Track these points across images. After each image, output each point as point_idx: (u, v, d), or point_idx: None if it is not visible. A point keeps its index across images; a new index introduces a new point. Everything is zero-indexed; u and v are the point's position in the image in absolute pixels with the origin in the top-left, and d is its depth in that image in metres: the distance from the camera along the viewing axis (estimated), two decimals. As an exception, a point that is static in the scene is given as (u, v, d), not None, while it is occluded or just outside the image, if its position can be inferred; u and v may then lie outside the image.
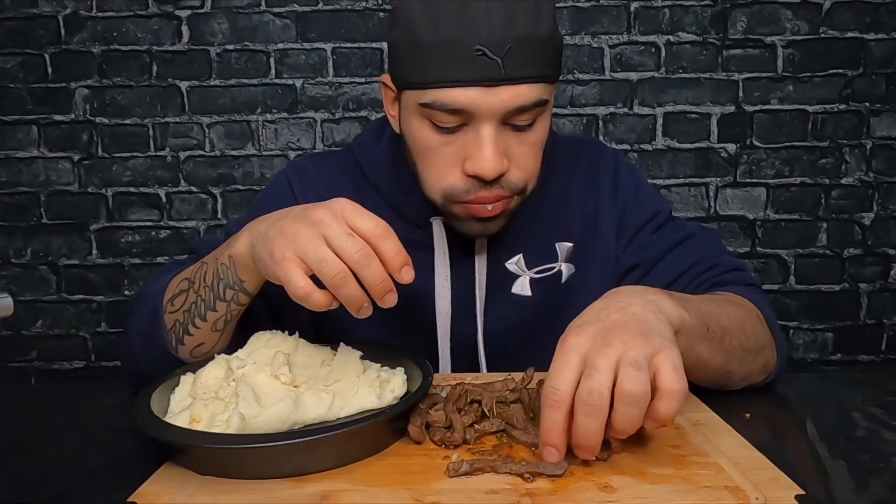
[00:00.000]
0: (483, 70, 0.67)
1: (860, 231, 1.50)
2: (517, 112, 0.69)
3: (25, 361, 1.52)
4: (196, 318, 0.70)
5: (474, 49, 0.66)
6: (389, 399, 0.64)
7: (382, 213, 0.84)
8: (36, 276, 1.50)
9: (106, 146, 1.47)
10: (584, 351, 0.53)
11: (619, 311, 0.57)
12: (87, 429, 0.68)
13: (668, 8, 1.44)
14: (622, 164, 0.90)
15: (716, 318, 0.68)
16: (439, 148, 0.72)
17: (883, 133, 1.47)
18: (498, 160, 0.70)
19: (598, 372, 0.51)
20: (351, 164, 0.89)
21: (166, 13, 1.44)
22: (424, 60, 0.69)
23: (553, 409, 0.53)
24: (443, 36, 0.67)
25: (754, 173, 1.49)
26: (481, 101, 0.68)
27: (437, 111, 0.69)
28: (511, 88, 0.68)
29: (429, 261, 0.83)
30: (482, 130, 0.69)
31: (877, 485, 0.54)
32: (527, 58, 0.68)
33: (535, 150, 0.74)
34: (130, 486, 0.53)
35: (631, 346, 0.52)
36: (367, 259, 0.59)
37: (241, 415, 0.57)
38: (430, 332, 0.84)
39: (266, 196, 0.91)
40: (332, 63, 1.45)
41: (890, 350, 1.53)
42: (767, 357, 0.76)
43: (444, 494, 0.51)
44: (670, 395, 0.51)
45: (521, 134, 0.72)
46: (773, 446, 0.60)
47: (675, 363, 0.52)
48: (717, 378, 0.73)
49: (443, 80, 0.68)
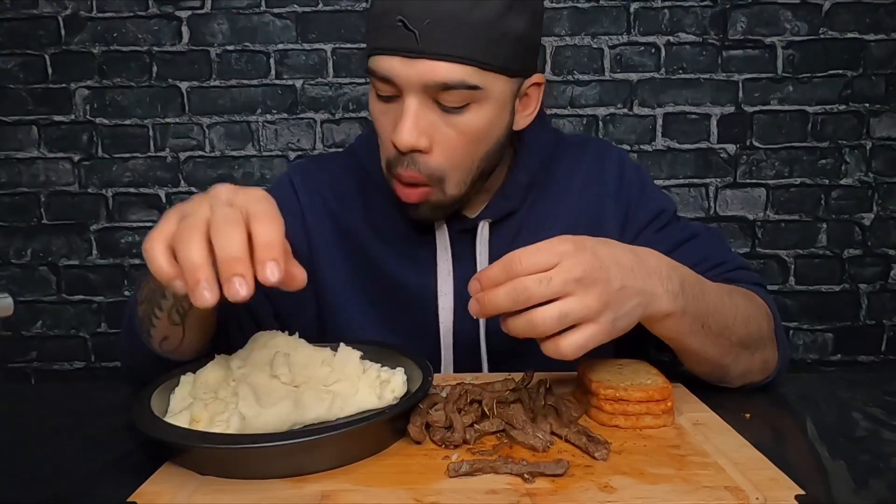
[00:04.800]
0: (401, 40, 0.69)
1: (860, 231, 1.50)
2: (440, 88, 0.70)
3: (25, 362, 1.52)
4: (155, 308, 0.67)
5: (396, 19, 0.68)
6: (389, 399, 0.64)
7: (387, 211, 0.86)
8: (36, 277, 1.51)
9: (106, 147, 1.47)
10: (563, 263, 0.57)
11: (622, 270, 0.59)
12: (87, 429, 0.68)
13: (668, 9, 1.44)
14: (627, 163, 0.90)
15: (720, 315, 0.68)
16: (379, 116, 0.75)
17: (883, 134, 1.47)
18: (414, 133, 0.71)
19: (547, 285, 0.55)
20: (354, 164, 0.89)
21: (166, 14, 1.44)
22: (369, 30, 0.73)
23: (501, 269, 0.57)
24: (377, 6, 0.71)
25: (754, 174, 1.49)
26: (400, 71, 0.70)
27: (374, 78, 0.72)
28: (429, 62, 0.69)
29: (431, 258, 0.84)
30: (406, 101, 0.71)
31: (877, 485, 0.54)
32: (450, 36, 0.68)
33: (466, 138, 0.74)
34: (130, 486, 0.53)
35: (582, 300, 0.56)
36: (228, 226, 0.47)
37: (241, 415, 0.57)
38: (432, 329, 0.85)
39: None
40: (332, 64, 1.45)
41: (890, 350, 1.53)
42: (768, 355, 0.76)
43: (444, 494, 0.51)
44: (557, 348, 0.57)
45: (449, 116, 0.72)
46: (773, 446, 0.60)
47: (588, 343, 0.57)
48: (713, 371, 0.74)
49: (374, 47, 0.72)
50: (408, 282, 0.85)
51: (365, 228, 0.87)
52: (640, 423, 0.64)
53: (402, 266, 0.85)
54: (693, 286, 0.66)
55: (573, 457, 0.58)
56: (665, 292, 0.62)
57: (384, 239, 0.86)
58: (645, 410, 0.64)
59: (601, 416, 0.66)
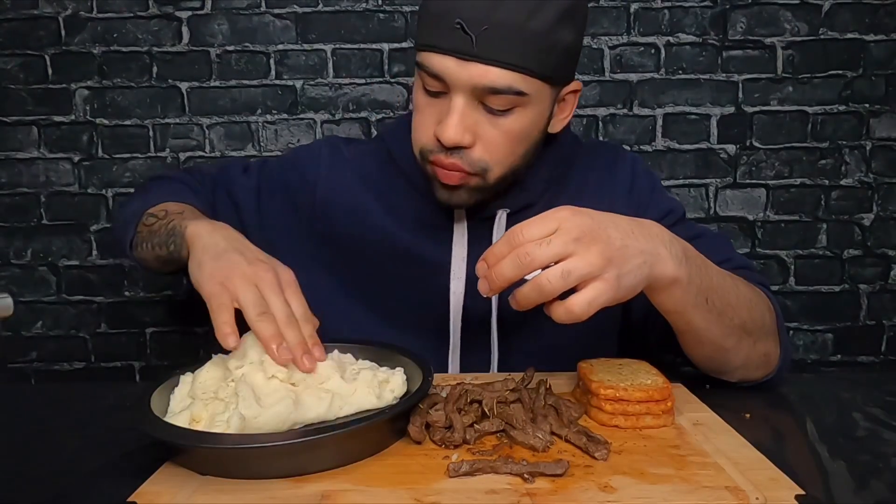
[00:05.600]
0: (457, 42, 0.72)
1: (860, 232, 1.50)
2: (489, 92, 0.74)
3: (25, 362, 1.52)
4: (148, 244, 0.84)
5: (454, 21, 0.71)
6: (389, 399, 0.64)
7: (408, 196, 0.90)
8: (36, 277, 1.50)
9: (106, 147, 1.47)
10: (562, 226, 0.59)
11: (621, 232, 0.61)
12: (87, 429, 0.68)
13: (668, 9, 1.44)
14: (640, 167, 0.95)
15: (722, 292, 0.70)
16: (424, 108, 0.79)
17: (883, 134, 1.47)
18: (459, 131, 0.75)
19: (548, 248, 0.58)
20: (380, 150, 0.94)
21: (166, 14, 1.44)
22: (423, 26, 0.76)
23: (504, 242, 0.60)
24: (437, 6, 0.74)
25: (754, 174, 1.49)
26: (453, 71, 0.73)
27: (424, 73, 0.76)
28: (482, 67, 0.72)
29: (447, 242, 0.88)
30: (454, 100, 0.75)
31: (877, 485, 0.54)
32: (504, 43, 0.71)
33: (508, 138, 0.77)
34: (130, 486, 0.53)
35: (584, 257, 0.58)
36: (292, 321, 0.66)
37: (241, 415, 0.57)
38: (443, 310, 0.88)
39: (294, 157, 0.99)
40: (332, 64, 1.45)
41: (890, 351, 1.53)
42: (770, 348, 0.76)
43: (444, 494, 0.51)
44: (567, 309, 0.58)
45: (494, 117, 0.76)
46: (773, 446, 0.60)
47: (597, 299, 0.58)
48: (714, 355, 0.74)
49: (428, 44, 0.75)
50: (422, 263, 0.88)
51: (384, 208, 0.91)
52: (640, 423, 0.64)
53: (418, 247, 0.89)
54: (696, 258, 0.68)
55: (573, 457, 0.58)
56: (669, 255, 0.63)
57: (402, 221, 0.90)
58: (645, 410, 0.64)
59: (601, 416, 0.66)
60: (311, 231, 0.93)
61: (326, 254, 0.92)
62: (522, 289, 0.59)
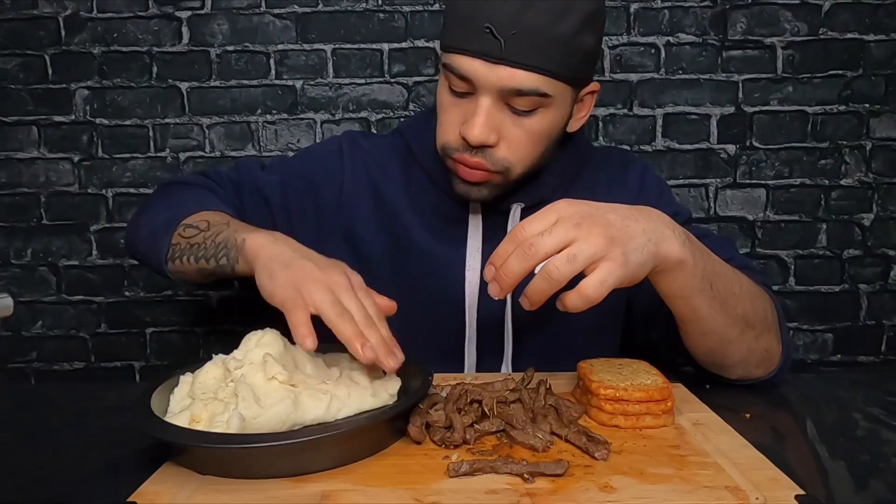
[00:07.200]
0: (486, 45, 0.74)
1: (860, 232, 1.50)
2: (514, 93, 0.76)
3: (25, 362, 1.52)
4: (191, 257, 0.81)
5: (483, 25, 0.73)
6: (385, 398, 0.65)
7: (426, 189, 0.93)
8: (36, 277, 1.50)
9: (106, 147, 1.47)
10: (561, 216, 0.60)
11: (620, 215, 0.62)
12: (87, 429, 0.68)
13: (668, 9, 1.44)
14: (649, 172, 0.99)
15: (725, 280, 0.71)
16: (449, 107, 0.81)
17: (883, 134, 1.47)
18: (485, 131, 0.77)
19: (550, 237, 0.59)
20: (399, 144, 0.97)
21: (166, 14, 1.44)
22: (450, 28, 0.78)
23: (508, 241, 0.61)
24: (465, 9, 0.76)
25: (754, 174, 1.49)
26: (481, 73, 0.75)
27: (451, 74, 0.78)
28: (509, 69, 0.74)
29: (463, 235, 0.90)
30: (480, 100, 0.77)
31: (877, 485, 0.54)
32: (531, 47, 0.73)
33: (531, 138, 0.80)
34: (130, 486, 0.53)
35: (587, 240, 0.59)
36: (370, 321, 0.66)
37: (240, 416, 0.57)
38: (458, 302, 0.90)
39: (313, 153, 1.00)
40: (332, 64, 1.45)
41: (890, 351, 1.53)
42: (771, 344, 0.77)
43: (444, 494, 0.51)
44: (580, 293, 0.59)
45: (518, 117, 0.78)
46: (773, 446, 0.60)
47: (608, 278, 0.59)
48: (716, 347, 0.74)
49: (456, 47, 0.77)
50: (438, 254, 0.91)
51: (402, 201, 0.93)
52: (640, 423, 0.64)
53: (435, 239, 0.91)
54: (698, 245, 0.69)
55: (573, 457, 0.58)
56: (674, 235, 0.65)
57: (420, 213, 0.92)
58: (645, 410, 0.64)
59: (601, 416, 0.66)
60: (333, 224, 0.94)
61: (345, 247, 0.93)
62: (532, 282, 0.60)
